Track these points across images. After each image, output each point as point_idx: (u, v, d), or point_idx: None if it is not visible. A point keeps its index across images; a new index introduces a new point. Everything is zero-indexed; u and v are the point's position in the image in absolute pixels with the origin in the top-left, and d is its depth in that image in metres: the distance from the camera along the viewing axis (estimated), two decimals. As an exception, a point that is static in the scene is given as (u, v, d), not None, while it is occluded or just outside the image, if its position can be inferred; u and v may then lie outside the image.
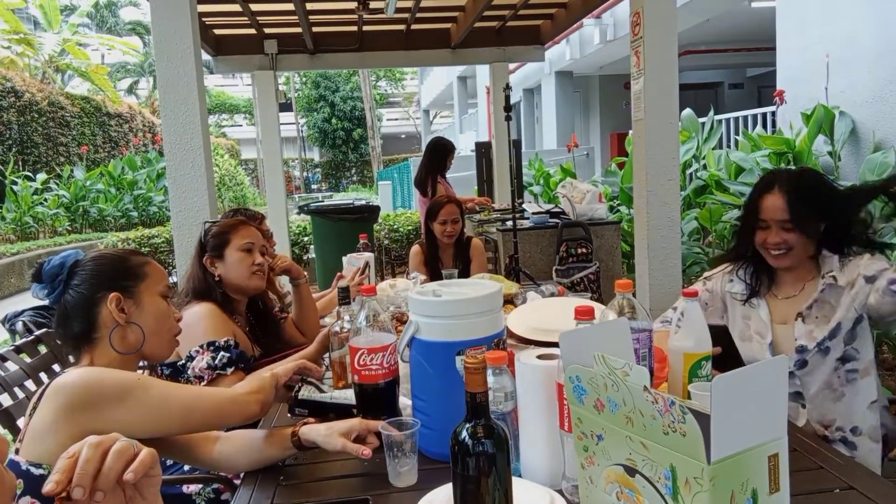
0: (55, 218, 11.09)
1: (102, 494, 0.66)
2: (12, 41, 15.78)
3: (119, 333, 1.35)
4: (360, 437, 1.30)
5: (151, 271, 1.43)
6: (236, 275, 2.07)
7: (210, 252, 2.08)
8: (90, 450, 0.67)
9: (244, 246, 2.09)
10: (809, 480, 1.18)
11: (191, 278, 2.11)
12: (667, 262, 3.65)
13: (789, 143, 5.16)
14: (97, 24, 27.04)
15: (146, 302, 1.39)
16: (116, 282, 1.37)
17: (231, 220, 2.18)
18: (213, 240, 2.10)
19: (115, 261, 1.40)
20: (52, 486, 0.65)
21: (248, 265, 2.08)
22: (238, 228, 2.13)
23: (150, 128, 16.83)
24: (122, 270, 1.39)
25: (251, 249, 2.10)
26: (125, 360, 1.36)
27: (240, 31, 6.16)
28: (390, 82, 30.67)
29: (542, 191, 8.14)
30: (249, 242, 2.11)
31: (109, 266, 1.38)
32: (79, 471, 0.66)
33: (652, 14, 3.51)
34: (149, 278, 1.41)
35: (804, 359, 1.73)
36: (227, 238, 2.09)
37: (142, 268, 1.42)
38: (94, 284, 1.35)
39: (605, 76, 13.52)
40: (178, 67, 3.28)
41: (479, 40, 6.56)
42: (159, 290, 1.42)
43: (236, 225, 2.14)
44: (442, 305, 1.29)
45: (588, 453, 0.94)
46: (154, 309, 1.40)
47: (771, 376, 0.82)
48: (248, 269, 2.08)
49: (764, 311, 1.82)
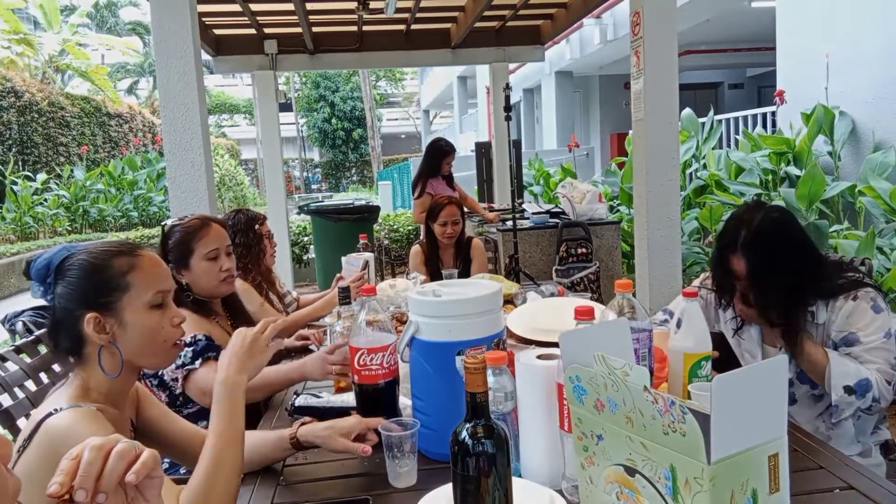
0: (55, 218, 11.09)
1: (105, 496, 0.66)
2: (12, 41, 15.78)
3: (106, 353, 1.21)
4: (359, 435, 1.30)
5: (137, 279, 1.21)
6: (205, 284, 2.00)
7: (174, 263, 1.98)
8: (92, 452, 0.68)
9: (209, 255, 1.98)
10: (809, 480, 1.18)
11: None
12: (667, 262, 3.65)
13: (789, 143, 5.16)
14: (97, 24, 27.04)
15: (129, 319, 1.20)
16: (94, 298, 1.19)
17: (191, 224, 2.02)
18: (176, 249, 1.99)
19: (93, 271, 1.20)
20: (55, 487, 0.65)
21: (214, 273, 1.99)
22: (200, 235, 1.99)
23: (150, 128, 16.84)
24: (102, 284, 1.20)
25: (217, 257, 2.00)
26: (122, 375, 1.24)
27: (240, 31, 6.17)
28: (390, 82, 30.66)
29: (542, 191, 8.14)
30: (214, 250, 1.99)
31: (86, 279, 1.20)
32: (81, 473, 0.66)
33: (652, 14, 3.51)
34: (133, 289, 1.21)
35: (792, 393, 1.71)
36: (189, 248, 1.98)
37: (125, 276, 1.21)
38: (72, 300, 1.20)
39: (605, 76, 13.52)
40: (178, 67, 3.28)
41: (479, 40, 6.56)
42: (147, 300, 1.22)
43: (198, 230, 2.00)
44: (442, 305, 1.29)
45: (588, 453, 0.94)
46: (139, 326, 1.21)
47: (771, 376, 0.81)
48: (216, 278, 2.00)
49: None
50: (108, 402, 1.21)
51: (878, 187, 4.28)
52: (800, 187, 4.52)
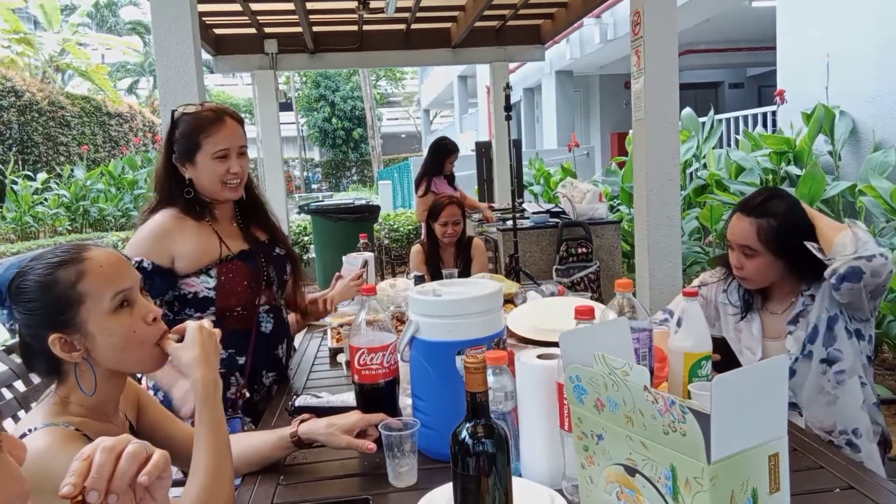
0: (55, 218, 11.09)
1: (116, 497, 0.67)
2: (12, 41, 15.79)
3: (81, 370, 1.12)
4: (361, 431, 1.30)
5: (89, 287, 1.10)
6: (208, 185, 1.81)
7: (179, 156, 1.80)
8: (104, 453, 0.68)
9: (218, 153, 1.77)
10: (809, 480, 1.18)
11: (157, 177, 1.86)
12: (667, 262, 3.65)
13: (790, 143, 5.16)
14: (97, 24, 27.05)
15: (94, 330, 1.10)
16: (52, 318, 1.09)
17: (203, 116, 1.79)
18: (182, 141, 1.79)
19: (42, 290, 1.09)
20: (68, 488, 0.65)
21: (219, 175, 1.78)
22: (210, 130, 1.77)
23: (150, 127, 16.85)
24: (54, 302, 1.09)
25: (226, 156, 1.78)
26: (108, 383, 1.16)
27: (240, 31, 6.17)
28: (390, 82, 30.65)
29: (542, 190, 8.14)
30: (223, 150, 1.77)
31: (38, 300, 1.09)
32: (93, 474, 0.67)
33: (652, 14, 3.51)
34: (87, 299, 1.10)
35: (791, 368, 1.72)
36: (196, 142, 1.77)
37: (74, 287, 1.09)
38: (31, 327, 1.11)
39: (605, 76, 13.51)
40: (178, 67, 3.28)
41: (480, 40, 6.56)
42: (106, 306, 1.11)
43: (209, 125, 1.78)
44: (442, 305, 1.29)
45: (588, 453, 0.94)
46: (107, 334, 1.11)
47: (771, 376, 0.81)
48: (220, 179, 1.79)
49: (756, 327, 1.82)
50: (93, 415, 1.15)
51: (879, 187, 4.28)
52: (800, 187, 4.51)
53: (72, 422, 1.10)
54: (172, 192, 1.81)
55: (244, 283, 1.83)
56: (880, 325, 3.58)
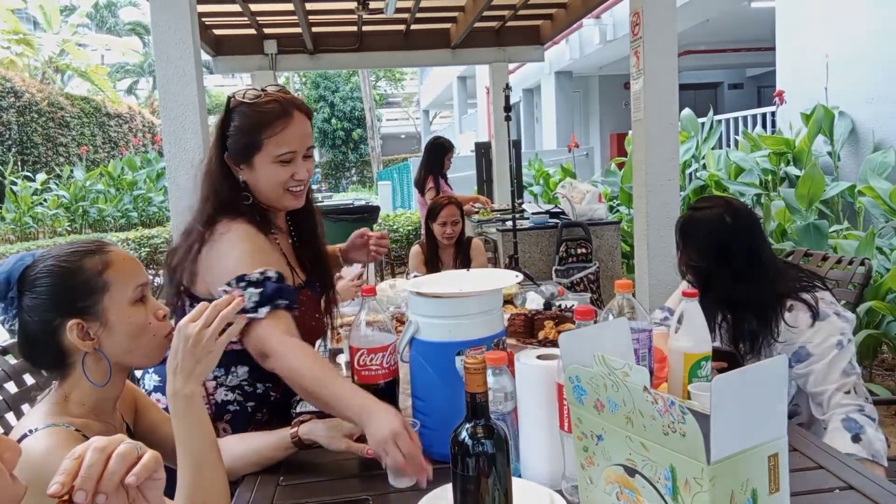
0: (55, 218, 11.09)
1: (104, 497, 0.67)
2: (12, 41, 15.80)
3: (91, 360, 1.14)
4: (361, 435, 1.30)
5: (114, 277, 1.14)
6: (267, 191, 1.51)
7: (232, 154, 1.50)
8: (95, 453, 0.68)
9: (282, 156, 1.47)
10: (809, 480, 1.18)
11: (209, 179, 1.52)
12: (667, 262, 3.65)
13: (789, 143, 5.17)
14: (97, 25, 27.06)
15: (114, 319, 1.13)
16: (73, 304, 1.11)
17: (268, 109, 1.46)
18: (240, 138, 1.48)
19: (67, 275, 1.11)
20: (56, 487, 0.65)
21: (281, 181, 1.49)
22: (276, 128, 1.46)
23: (150, 128, 16.85)
24: (78, 287, 1.11)
25: (292, 160, 1.49)
26: (112, 377, 1.17)
27: (239, 31, 6.17)
28: (390, 82, 30.65)
29: (541, 191, 8.15)
30: (290, 153, 1.48)
31: (61, 285, 1.11)
32: (82, 474, 0.66)
33: (652, 14, 3.51)
34: (112, 287, 1.13)
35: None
36: (257, 141, 1.46)
37: (101, 276, 1.12)
38: (46, 311, 1.11)
39: (605, 76, 13.52)
40: (177, 67, 3.28)
41: (479, 40, 6.56)
42: (128, 296, 1.15)
43: (274, 119, 1.46)
44: (442, 305, 1.29)
45: (588, 453, 0.94)
46: (125, 325, 1.14)
47: (771, 376, 0.82)
48: (282, 186, 1.50)
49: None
50: (93, 414, 1.15)
51: (878, 187, 4.29)
52: (799, 187, 4.52)
53: (73, 423, 1.11)
54: (231, 198, 1.50)
55: (315, 315, 1.61)
56: (880, 325, 3.58)
